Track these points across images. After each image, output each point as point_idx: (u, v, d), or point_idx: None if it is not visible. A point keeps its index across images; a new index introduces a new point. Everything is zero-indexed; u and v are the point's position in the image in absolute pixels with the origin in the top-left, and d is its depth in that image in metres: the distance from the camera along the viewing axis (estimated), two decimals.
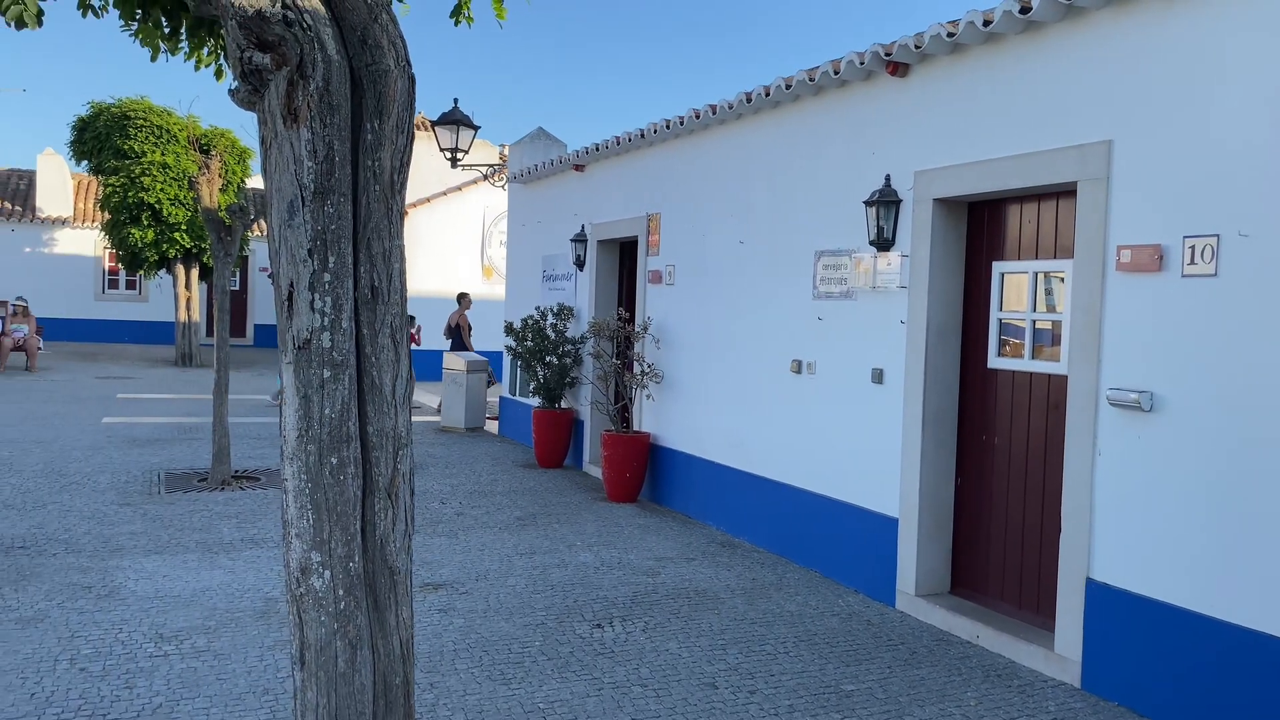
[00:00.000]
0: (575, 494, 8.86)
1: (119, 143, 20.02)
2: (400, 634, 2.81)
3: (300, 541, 2.66)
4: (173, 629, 5.02)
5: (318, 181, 2.64)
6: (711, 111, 7.57)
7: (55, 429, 11.40)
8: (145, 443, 10.78)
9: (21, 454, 9.72)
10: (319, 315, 2.65)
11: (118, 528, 7.01)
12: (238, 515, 7.53)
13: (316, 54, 2.61)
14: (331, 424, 2.66)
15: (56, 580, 5.74)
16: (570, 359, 10.00)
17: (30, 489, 8.16)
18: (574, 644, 5.03)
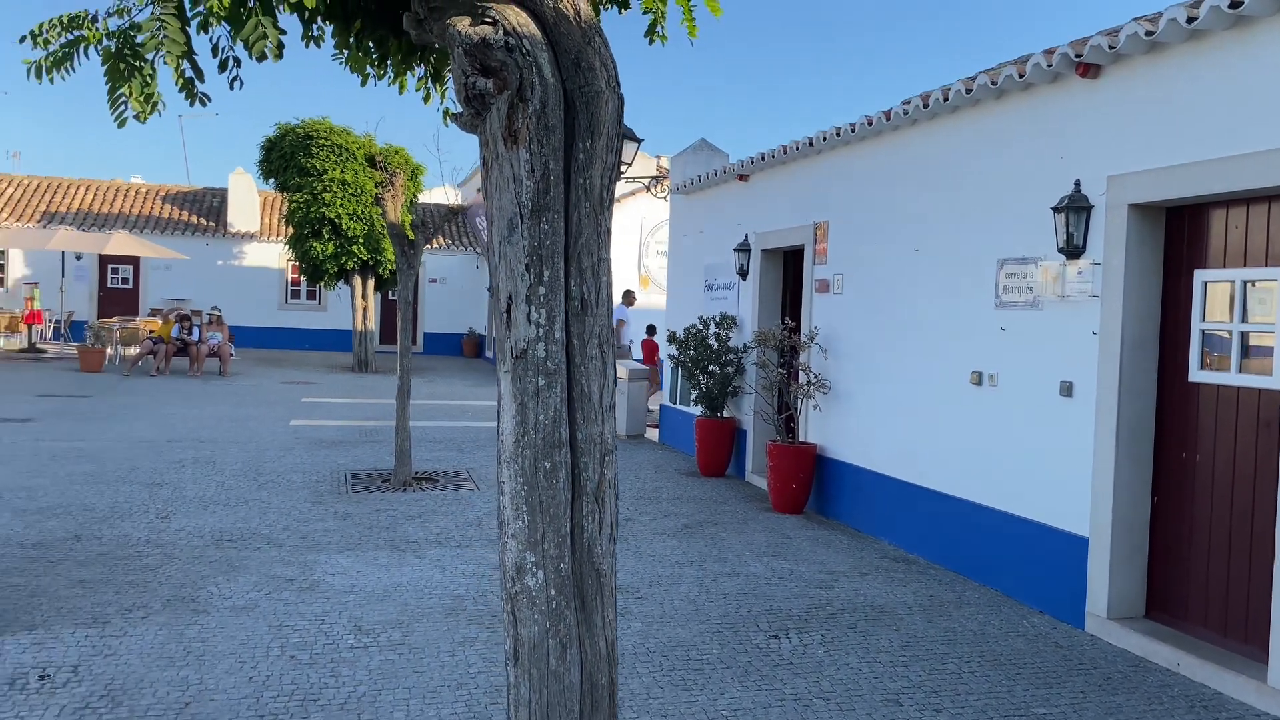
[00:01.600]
0: (739, 504, 8.87)
1: (302, 161, 21.30)
2: (606, 635, 2.90)
3: (516, 542, 2.78)
4: (370, 622, 5.31)
5: (535, 199, 2.76)
6: (885, 117, 7.46)
7: (250, 430, 12.22)
8: (330, 444, 11.42)
9: (222, 453, 10.46)
10: (534, 326, 2.77)
11: (312, 524, 7.45)
12: (420, 515, 7.89)
13: (534, 78, 2.73)
14: (545, 430, 2.77)
15: (262, 572, 6.16)
16: (733, 368, 10.02)
17: (232, 486, 8.78)
18: (751, 653, 5.05)
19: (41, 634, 4.93)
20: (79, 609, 5.32)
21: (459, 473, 9.89)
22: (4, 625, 5.02)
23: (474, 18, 2.76)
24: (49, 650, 4.72)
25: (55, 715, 4.03)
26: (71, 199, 28.20)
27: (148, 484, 8.67)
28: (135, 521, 7.30)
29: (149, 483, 8.72)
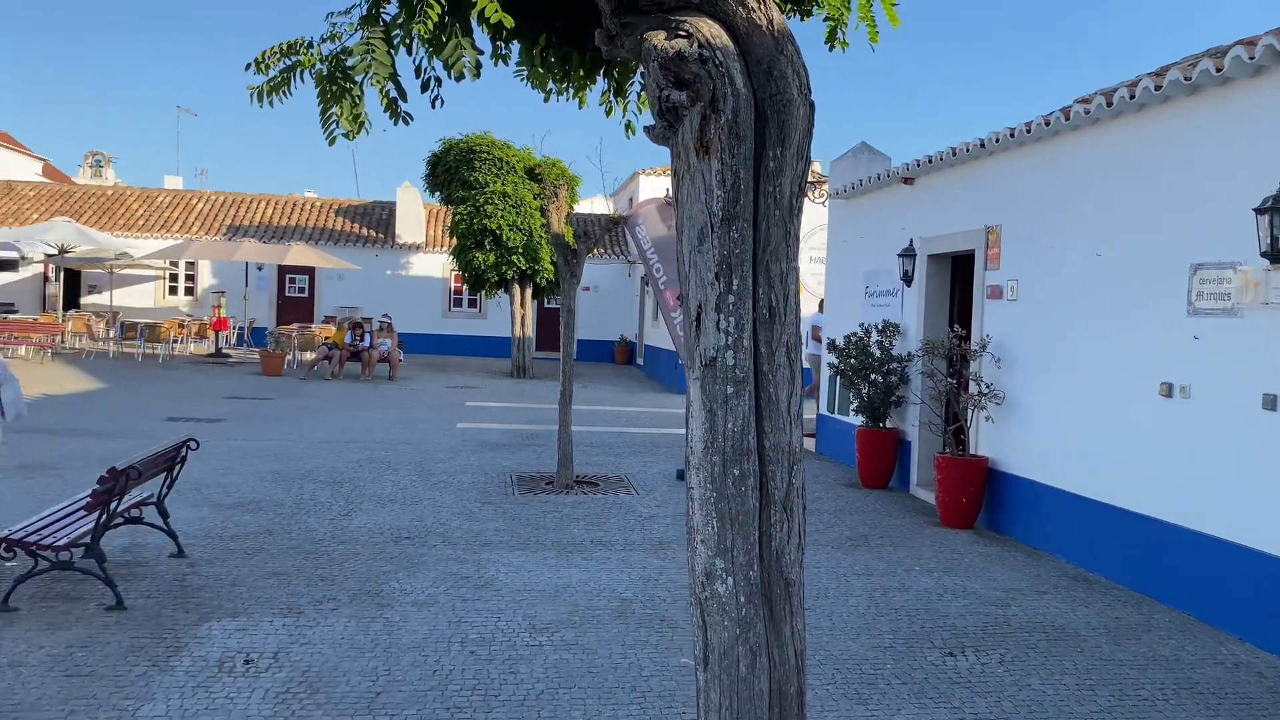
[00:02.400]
0: (905, 517, 8.66)
1: (466, 175, 22.09)
2: (795, 644, 2.89)
3: (705, 547, 2.80)
4: (543, 621, 5.45)
5: (725, 208, 2.78)
6: (1064, 117, 7.16)
7: (420, 432, 12.74)
8: (495, 447, 11.78)
9: (395, 454, 10.94)
10: (724, 335, 2.79)
11: (483, 524, 7.71)
12: (585, 518, 8.05)
13: (727, 88, 2.76)
14: (734, 438, 2.79)
15: (439, 569, 6.41)
16: (896, 377, 9.80)
17: (406, 485, 9.17)
18: (927, 670, 4.92)
19: (244, 621, 5.27)
20: (275, 599, 5.67)
21: (618, 478, 10.03)
22: (210, 611, 5.40)
23: (668, 32, 2.80)
24: (251, 636, 5.05)
25: (260, 698, 4.31)
26: (254, 213, 30.12)
27: (329, 482, 9.16)
28: (320, 517, 7.73)
29: (330, 481, 9.21)
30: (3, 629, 4.97)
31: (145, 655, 4.72)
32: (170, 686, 4.38)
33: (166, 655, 4.73)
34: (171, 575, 6.03)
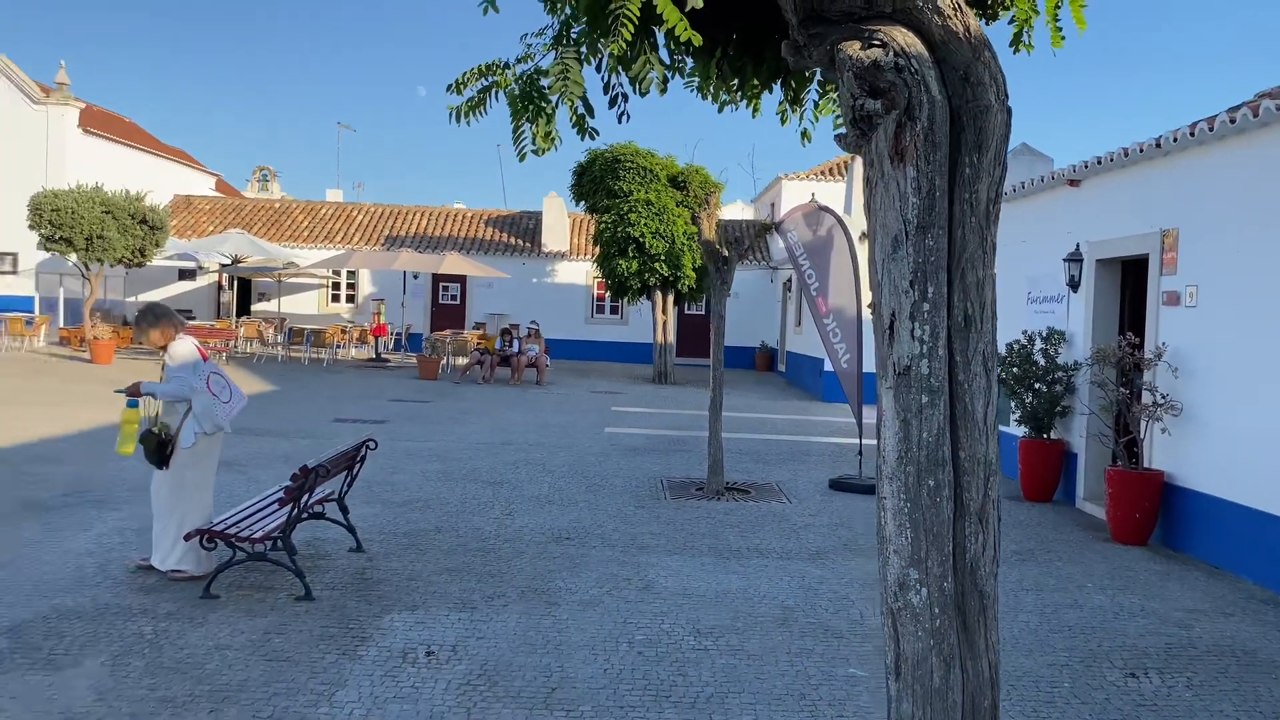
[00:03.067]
0: (1072, 531, 8.34)
1: (610, 184, 22.45)
2: (989, 657, 2.84)
3: (898, 558, 2.80)
4: (707, 626, 5.50)
5: (920, 216, 2.77)
6: (1252, 113, 6.77)
7: (570, 436, 13.02)
8: (643, 451, 11.93)
9: (549, 456, 11.22)
10: (918, 343, 2.78)
11: (639, 527, 7.83)
12: (739, 525, 8.07)
13: (922, 95, 2.75)
14: (928, 447, 2.77)
15: (601, 571, 6.55)
16: (1061, 386, 9.45)
17: (562, 487, 9.40)
18: (1108, 691, 4.74)
19: (422, 614, 5.52)
20: (449, 593, 5.91)
21: (769, 485, 10.01)
22: (391, 604, 5.68)
23: (862, 41, 2.82)
24: (430, 629, 5.28)
25: (444, 689, 4.51)
26: (409, 224, 31.39)
27: (490, 482, 9.47)
28: (484, 517, 8.00)
29: (490, 481, 9.53)
30: (207, 614, 5.35)
31: (335, 644, 5.01)
32: (360, 674, 4.63)
33: (354, 644, 5.01)
34: (352, 568, 6.36)
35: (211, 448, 6.07)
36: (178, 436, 5.90)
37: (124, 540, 6.75)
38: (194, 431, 5.87)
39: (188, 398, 5.88)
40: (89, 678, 4.43)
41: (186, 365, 5.92)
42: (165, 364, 6.01)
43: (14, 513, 7.38)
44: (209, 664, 4.66)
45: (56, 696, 4.22)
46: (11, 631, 4.95)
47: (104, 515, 7.44)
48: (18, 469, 8.98)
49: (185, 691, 4.33)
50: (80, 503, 7.82)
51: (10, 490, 8.10)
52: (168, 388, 5.89)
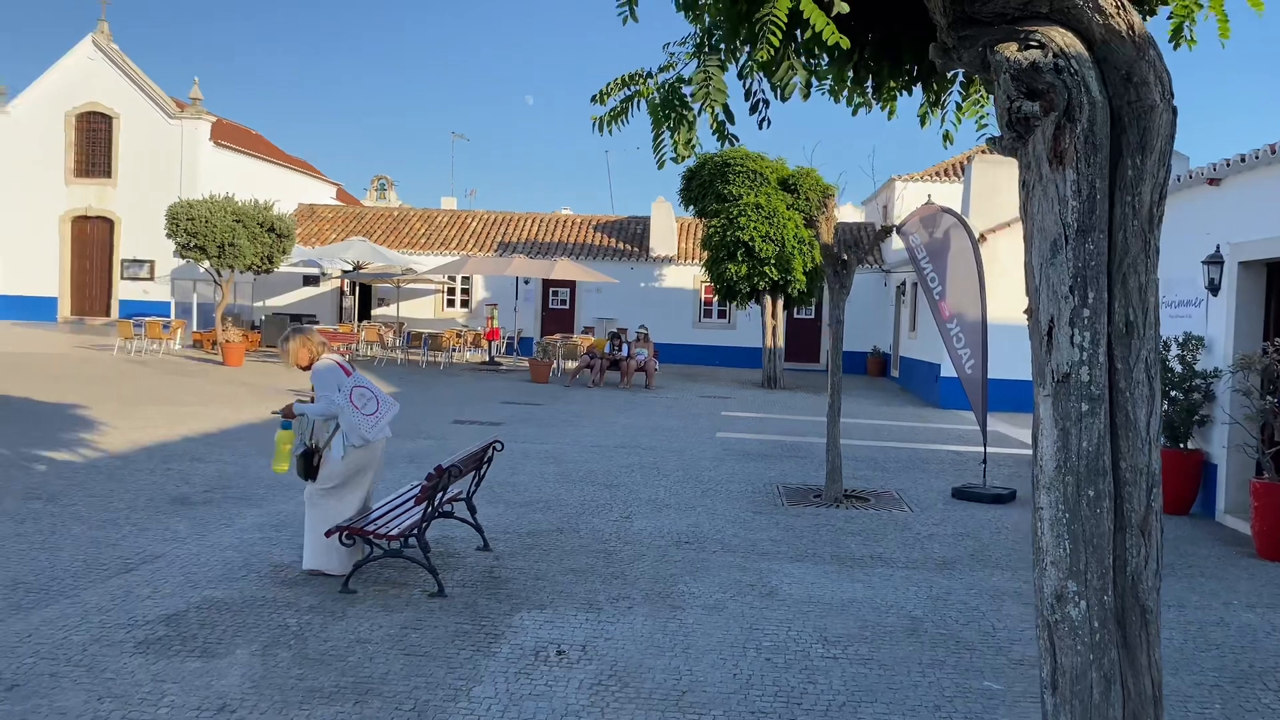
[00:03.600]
0: (1213, 546, 7.97)
1: (720, 188, 22.44)
2: (1151, 674, 2.75)
3: (1055, 569, 2.73)
4: (834, 634, 5.45)
5: (1080, 220, 2.71)
6: None
7: (681, 440, 13.06)
8: (756, 457, 11.88)
9: (662, 460, 11.27)
10: (1077, 350, 2.71)
11: (758, 533, 7.80)
12: (860, 533, 7.97)
13: (1082, 97, 2.69)
14: (1088, 457, 2.70)
15: (723, 576, 6.55)
16: (1200, 394, 9.04)
17: (678, 491, 9.43)
18: (1263, 713, 4.53)
19: (550, 613, 5.62)
20: (575, 594, 6.00)
21: (888, 493, 9.85)
22: (520, 603, 5.80)
23: (1019, 42, 2.77)
24: (559, 629, 5.37)
25: (576, 688, 4.58)
26: (521, 230, 31.98)
27: (606, 485, 9.57)
28: (603, 519, 8.09)
29: (606, 484, 9.63)
30: (347, 608, 5.55)
31: (469, 640, 5.14)
32: (495, 671, 4.74)
33: (487, 641, 5.13)
34: (480, 567, 6.52)
35: (363, 459, 6.20)
36: (326, 450, 6.10)
37: (264, 536, 7.06)
38: (342, 446, 6.06)
39: (335, 415, 6.08)
40: (241, 666, 4.65)
41: (330, 383, 6.09)
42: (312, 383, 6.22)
43: (164, 507, 7.79)
44: (351, 656, 4.84)
45: (213, 683, 4.44)
46: (169, 620, 5.23)
47: (244, 511, 7.79)
48: (164, 466, 9.48)
49: (331, 683, 4.51)
50: (222, 499, 8.20)
51: (159, 486, 8.56)
52: (316, 408, 6.08)
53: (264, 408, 14.32)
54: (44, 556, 6.28)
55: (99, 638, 4.92)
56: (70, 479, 8.65)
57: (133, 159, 32.62)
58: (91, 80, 32.68)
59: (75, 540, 6.70)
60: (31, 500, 7.76)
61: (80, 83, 32.72)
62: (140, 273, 32.82)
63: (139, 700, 4.21)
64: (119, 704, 4.16)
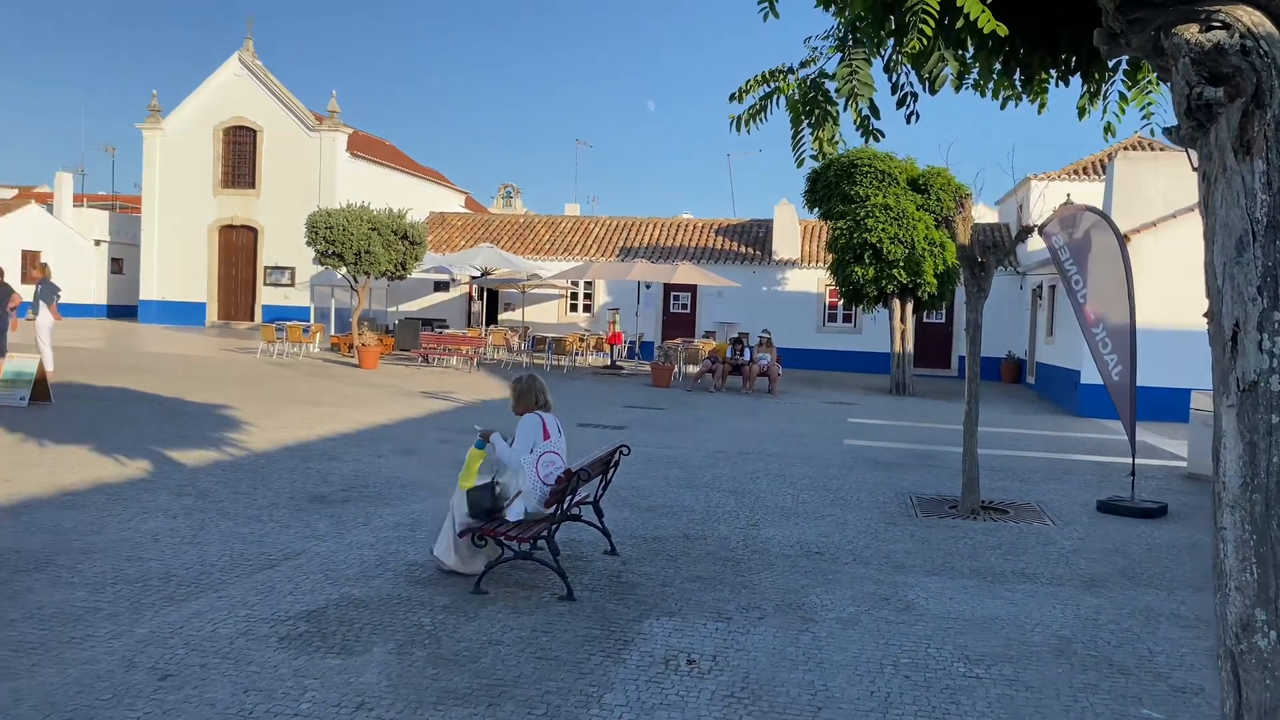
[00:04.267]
0: None
1: (846, 189, 22.02)
2: None
3: (1241, 596, 2.50)
4: (976, 652, 5.21)
5: (1270, 215, 2.47)
6: None
7: (807, 447, 12.82)
8: (886, 465, 11.56)
9: (788, 467, 11.08)
10: (1267, 357, 2.48)
11: (891, 545, 7.56)
12: (1000, 546, 7.64)
13: (1274, 81, 2.46)
14: (1279, 473, 2.46)
15: (855, 588, 6.36)
16: None
17: (805, 499, 9.24)
18: None
19: (679, 621, 5.55)
20: (703, 602, 5.92)
21: (1028, 505, 9.43)
22: (648, 609, 5.74)
23: (1200, 24, 2.55)
24: (688, 637, 5.30)
25: (708, 699, 4.50)
26: (642, 235, 32.14)
27: (731, 491, 9.46)
28: (730, 526, 7.99)
29: (732, 490, 9.51)
30: (478, 609, 5.61)
31: (598, 646, 5.11)
32: (626, 678, 4.69)
33: (617, 648, 5.09)
34: (608, 571, 6.50)
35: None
36: (506, 507, 6.17)
37: (399, 535, 7.22)
38: (523, 510, 6.13)
39: (514, 469, 6.17)
40: (378, 664, 4.73)
41: (525, 440, 6.18)
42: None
43: (304, 505, 8.06)
44: (484, 658, 4.87)
45: (351, 680, 4.53)
46: (310, 616, 5.38)
47: (380, 510, 7.99)
48: (304, 465, 9.83)
49: (465, 684, 4.54)
50: (359, 497, 8.44)
51: (300, 485, 8.87)
52: (506, 452, 6.16)
53: (396, 410, 14.74)
54: (193, 551, 6.57)
55: (244, 631, 5.10)
56: (218, 476, 9.05)
57: (275, 170, 34.18)
58: (238, 96, 34.41)
59: (222, 536, 6.98)
60: (183, 496, 8.15)
61: (227, 99, 34.49)
62: (282, 279, 34.35)
63: (282, 695, 4.33)
64: (263, 698, 4.28)
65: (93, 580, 5.82)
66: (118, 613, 5.29)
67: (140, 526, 7.11)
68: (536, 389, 6.48)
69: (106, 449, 10.04)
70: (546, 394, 6.55)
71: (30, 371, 12.85)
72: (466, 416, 14.41)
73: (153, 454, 9.91)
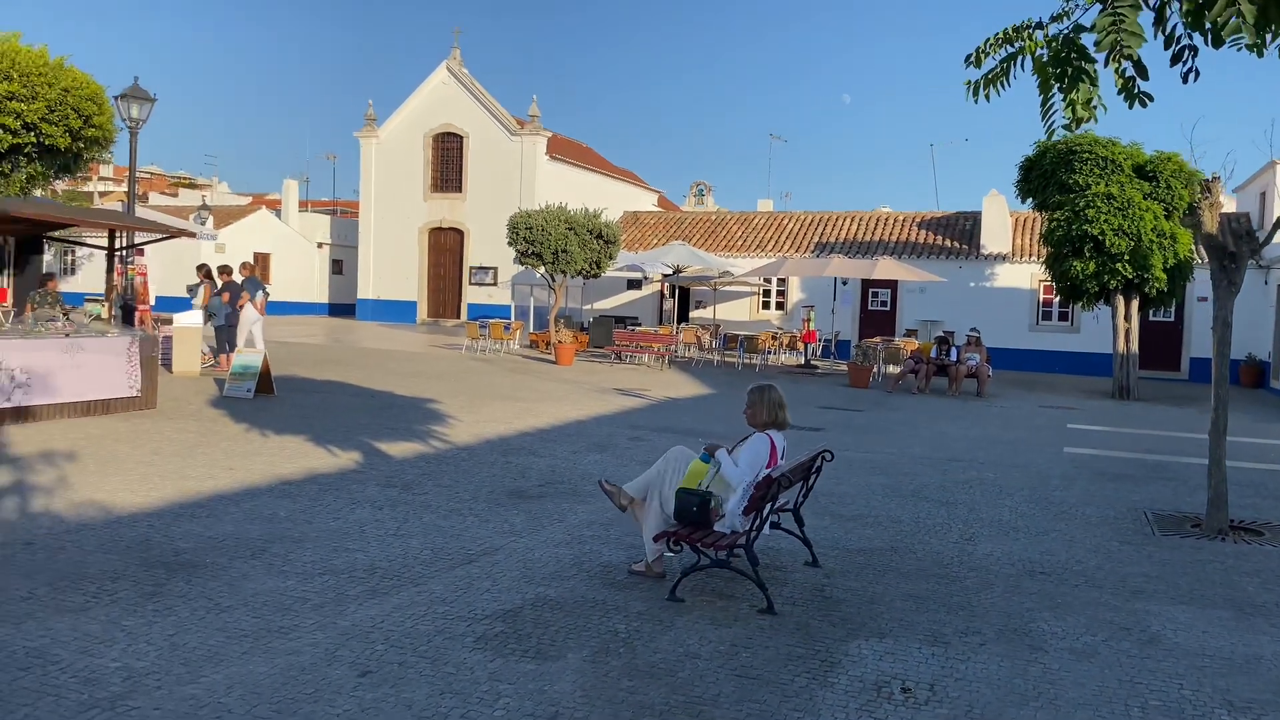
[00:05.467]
0: None
1: (1064, 178, 20.53)
2: None
3: None
4: (1242, 697, 4.52)
5: None
6: None
7: (1023, 455, 11.92)
8: (1114, 477, 10.56)
9: (1003, 477, 10.30)
10: None
11: (1128, 567, 6.80)
12: (1257, 573, 6.73)
13: None
14: None
15: (1089, 615, 5.71)
16: None
17: (1024, 513, 8.51)
18: None
19: (890, 643, 5.11)
20: (916, 624, 5.45)
21: None
22: (855, 628, 5.33)
23: None
24: (901, 662, 4.86)
25: None
26: (838, 230, 31.27)
27: (941, 502, 8.84)
28: (941, 540, 7.42)
29: (941, 500, 8.89)
30: (675, 618, 5.36)
31: (802, 666, 4.76)
32: (834, 704, 4.32)
33: (823, 670, 4.72)
34: (809, 584, 6.12)
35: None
36: (717, 519, 5.85)
37: (594, 534, 7.10)
38: (728, 526, 5.85)
39: (735, 487, 5.87)
40: (573, 672, 4.56)
41: (752, 461, 5.89)
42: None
43: (502, 500, 8.09)
44: (681, 672, 4.61)
45: (545, 689, 4.37)
46: (505, 616, 5.29)
47: (575, 508, 7.91)
48: (504, 459, 9.94)
49: (661, 699, 4.30)
50: (555, 494, 8.41)
51: (498, 479, 8.94)
52: (730, 468, 5.88)
53: (590, 406, 14.82)
54: (397, 543, 6.66)
55: (442, 629, 5.06)
56: (423, 469, 9.26)
57: (479, 174, 35.51)
58: (445, 103, 35.95)
59: (424, 529, 7.07)
60: (389, 487, 8.36)
61: (436, 106, 36.09)
62: (485, 279, 35.65)
63: (476, 700, 4.22)
64: (458, 701, 4.19)
65: (302, 569, 5.98)
66: (323, 604, 5.38)
67: (349, 517, 7.31)
68: (773, 403, 6.10)
69: (320, 440, 10.51)
70: (784, 410, 6.16)
71: (256, 365, 13.71)
72: (658, 415, 14.31)
73: (363, 445, 10.29)
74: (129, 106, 15.76)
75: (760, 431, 6.08)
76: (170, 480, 8.26)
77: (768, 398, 6.13)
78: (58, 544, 6.28)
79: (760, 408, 6.11)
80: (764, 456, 5.91)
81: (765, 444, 5.96)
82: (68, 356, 11.07)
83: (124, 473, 8.51)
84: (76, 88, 15.41)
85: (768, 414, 6.10)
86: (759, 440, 5.99)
